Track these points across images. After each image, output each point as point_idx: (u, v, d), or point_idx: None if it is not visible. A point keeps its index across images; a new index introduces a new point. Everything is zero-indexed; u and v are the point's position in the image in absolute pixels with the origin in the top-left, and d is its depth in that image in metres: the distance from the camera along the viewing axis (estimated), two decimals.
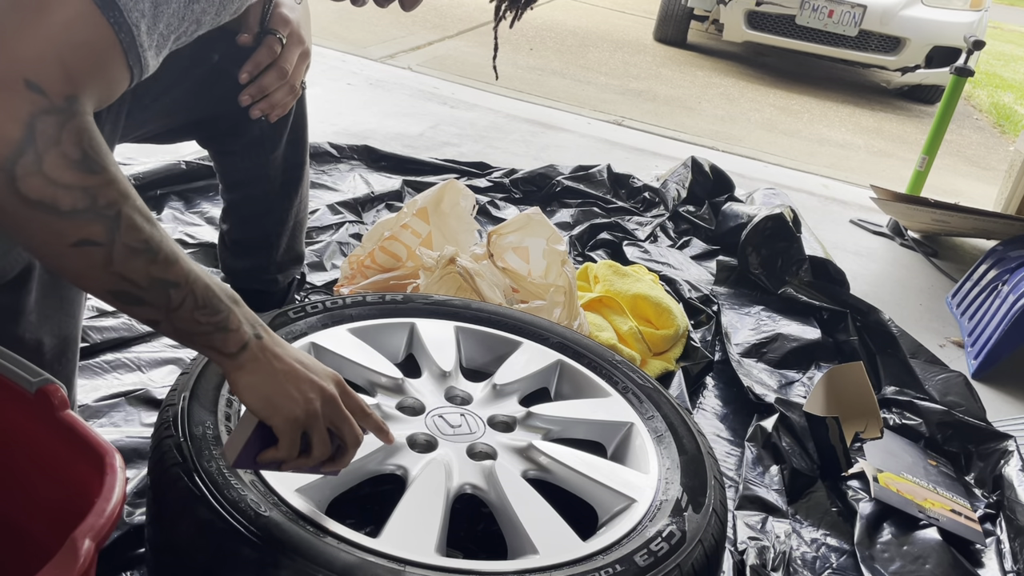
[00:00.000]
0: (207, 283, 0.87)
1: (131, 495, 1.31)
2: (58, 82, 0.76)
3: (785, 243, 2.47)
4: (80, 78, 0.78)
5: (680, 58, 6.71)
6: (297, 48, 1.41)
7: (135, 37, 0.81)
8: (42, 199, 0.76)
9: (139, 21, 0.80)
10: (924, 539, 1.57)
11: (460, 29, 6.05)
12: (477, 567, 0.98)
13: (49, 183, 0.76)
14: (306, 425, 0.94)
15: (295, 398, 0.92)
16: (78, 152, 0.77)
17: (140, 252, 0.81)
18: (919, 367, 2.15)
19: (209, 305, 0.87)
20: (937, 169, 3.92)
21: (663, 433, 1.27)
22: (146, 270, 0.82)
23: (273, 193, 1.65)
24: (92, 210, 0.78)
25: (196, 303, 0.86)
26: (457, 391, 1.31)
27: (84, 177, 0.77)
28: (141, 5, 0.81)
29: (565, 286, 1.75)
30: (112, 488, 0.74)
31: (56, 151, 0.76)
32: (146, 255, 0.82)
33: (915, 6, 6.15)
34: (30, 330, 1.13)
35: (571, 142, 3.75)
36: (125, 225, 0.80)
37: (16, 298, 1.11)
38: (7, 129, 0.73)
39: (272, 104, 1.43)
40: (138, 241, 0.81)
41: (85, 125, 0.78)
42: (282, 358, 0.93)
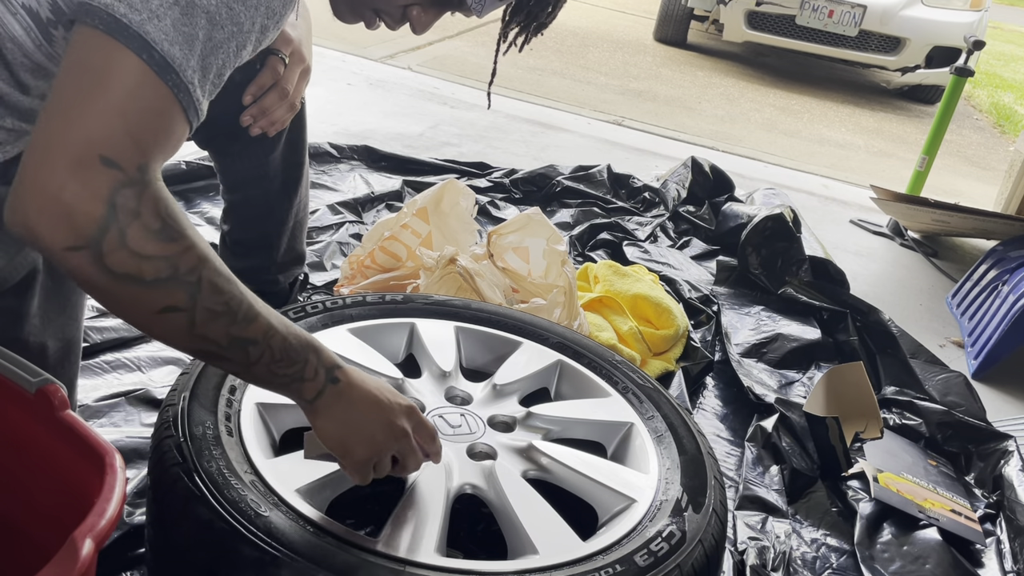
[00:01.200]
0: (285, 336, 0.90)
1: (131, 495, 1.31)
2: (130, 153, 0.77)
3: (785, 243, 2.47)
4: (149, 145, 0.80)
5: (680, 58, 6.71)
6: (298, 66, 1.41)
7: (191, 93, 0.82)
8: (128, 272, 0.78)
9: (193, 78, 0.82)
10: (924, 539, 1.57)
11: (460, 29, 6.05)
12: (477, 567, 0.98)
13: (133, 256, 0.77)
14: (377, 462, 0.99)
15: (366, 442, 0.97)
16: (158, 222, 0.78)
17: (221, 315, 0.84)
18: (919, 367, 2.15)
19: (286, 358, 0.90)
20: (937, 169, 3.92)
21: (663, 433, 1.27)
22: (226, 331, 0.85)
23: (273, 194, 1.65)
24: (174, 278, 0.80)
25: (273, 357, 0.89)
26: (457, 391, 1.31)
27: (165, 246, 0.79)
28: (193, 62, 0.82)
29: (565, 286, 1.75)
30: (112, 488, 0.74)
31: (138, 224, 0.77)
32: (226, 317, 0.84)
33: (915, 6, 6.15)
34: (34, 334, 1.14)
35: (571, 142, 3.75)
36: (206, 289, 0.82)
37: (20, 302, 1.12)
38: (91, 207, 0.75)
39: (272, 122, 1.45)
40: (218, 304, 0.83)
41: (160, 193, 0.80)
42: (357, 402, 0.96)
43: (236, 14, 0.84)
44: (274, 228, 1.71)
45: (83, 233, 0.75)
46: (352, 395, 0.96)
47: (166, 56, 0.79)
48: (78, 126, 0.76)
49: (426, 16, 1.09)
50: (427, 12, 1.09)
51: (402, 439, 0.99)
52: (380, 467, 1.00)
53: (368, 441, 0.97)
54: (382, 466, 1.00)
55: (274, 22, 0.91)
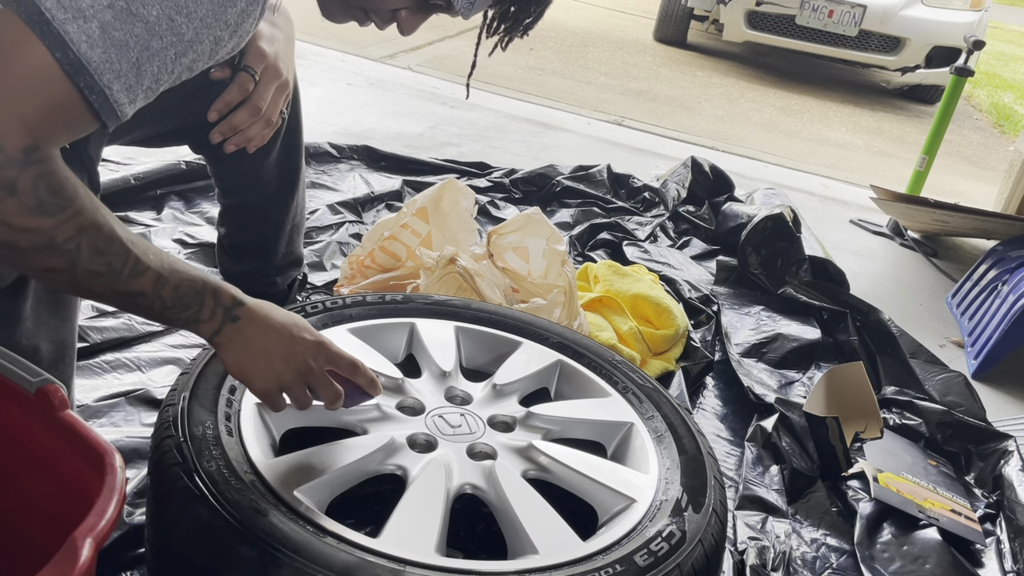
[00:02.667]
0: (176, 285, 0.94)
1: (131, 495, 1.31)
2: (17, 136, 0.80)
3: (785, 243, 2.47)
4: (41, 132, 0.82)
5: (680, 58, 6.71)
6: (273, 83, 1.37)
7: (108, 96, 0.84)
8: (4, 240, 0.82)
9: (112, 83, 0.84)
10: (924, 539, 1.57)
11: (460, 29, 6.05)
12: (477, 567, 0.98)
13: (9, 228, 0.81)
14: (281, 389, 1.04)
15: (264, 373, 1.02)
16: (34, 199, 0.82)
17: (103, 274, 0.88)
18: (919, 367, 2.14)
19: (179, 304, 0.95)
20: (937, 169, 3.92)
21: (663, 433, 1.27)
22: (111, 287, 0.90)
23: (268, 198, 1.65)
24: (51, 247, 0.84)
25: (164, 305, 0.94)
26: (457, 391, 1.31)
27: (42, 220, 0.83)
28: (117, 66, 0.83)
29: (565, 286, 1.75)
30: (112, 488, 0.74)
31: (13, 200, 0.80)
32: (109, 276, 0.89)
33: (915, 6, 6.15)
34: (27, 336, 1.14)
35: (571, 142, 3.75)
36: (85, 254, 0.86)
37: (12, 304, 1.12)
38: None
39: (247, 138, 1.42)
40: (100, 265, 0.87)
41: (43, 170, 0.82)
42: (256, 336, 1.01)
43: (177, 25, 0.86)
44: (271, 232, 1.71)
45: None
46: (251, 331, 1.01)
47: (81, 58, 0.81)
48: None
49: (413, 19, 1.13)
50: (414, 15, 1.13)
51: (306, 373, 1.04)
52: (294, 397, 1.05)
53: (266, 371, 1.02)
54: (295, 396, 1.05)
55: (229, 33, 0.92)
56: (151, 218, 2.23)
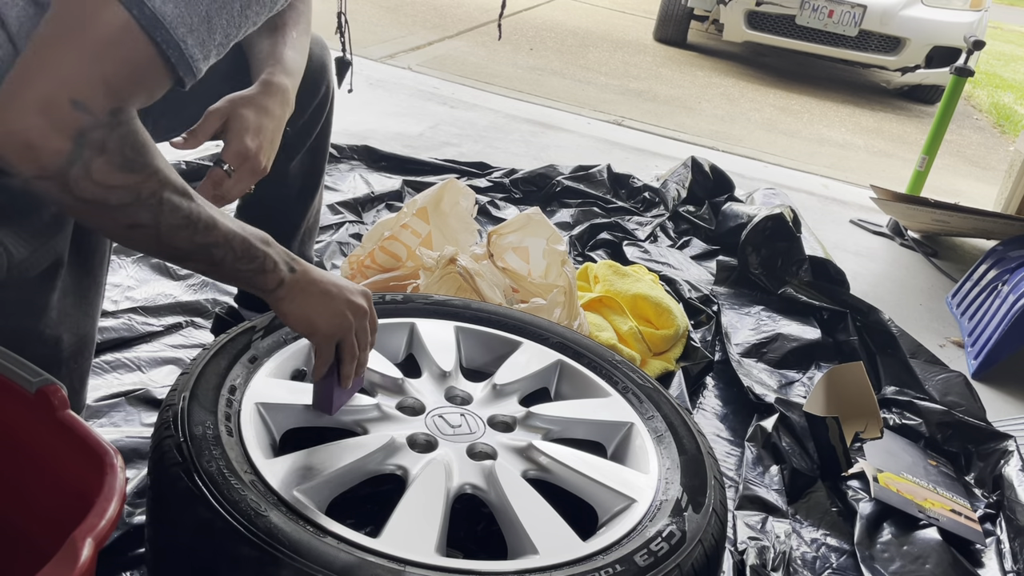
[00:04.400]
0: (244, 236, 1.00)
1: (131, 495, 1.31)
2: (102, 99, 0.83)
3: (785, 243, 2.47)
4: (123, 93, 0.85)
5: (680, 58, 6.71)
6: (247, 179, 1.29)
7: (183, 51, 0.87)
8: (94, 198, 0.86)
9: (186, 36, 0.87)
10: (924, 539, 1.57)
11: (460, 29, 6.05)
12: (477, 567, 0.98)
13: (98, 186, 0.85)
14: (340, 336, 1.10)
15: (330, 317, 1.08)
16: (120, 157, 0.86)
17: (182, 227, 0.93)
18: (919, 367, 2.14)
19: (247, 255, 1.00)
20: (937, 169, 3.92)
21: (663, 433, 1.27)
22: (190, 239, 0.94)
23: (289, 199, 1.65)
24: (137, 202, 0.89)
25: (236, 255, 0.99)
26: (457, 391, 1.31)
27: (127, 177, 0.87)
28: (189, 20, 0.86)
29: (565, 286, 1.75)
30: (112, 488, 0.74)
31: (103, 159, 0.84)
32: (188, 229, 0.93)
33: (915, 6, 6.15)
34: (51, 326, 1.16)
35: (571, 142, 3.75)
36: (167, 209, 0.91)
37: (41, 293, 1.14)
38: (58, 143, 0.82)
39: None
40: (179, 219, 0.92)
41: (127, 131, 0.86)
42: (316, 283, 1.07)
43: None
44: (287, 232, 1.70)
45: (49, 166, 0.82)
46: (310, 279, 1.07)
47: (156, 12, 0.84)
48: (53, 66, 0.82)
49: None
50: None
51: (360, 316, 1.11)
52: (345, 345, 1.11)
53: (331, 316, 1.08)
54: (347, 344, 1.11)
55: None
56: None
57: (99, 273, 1.24)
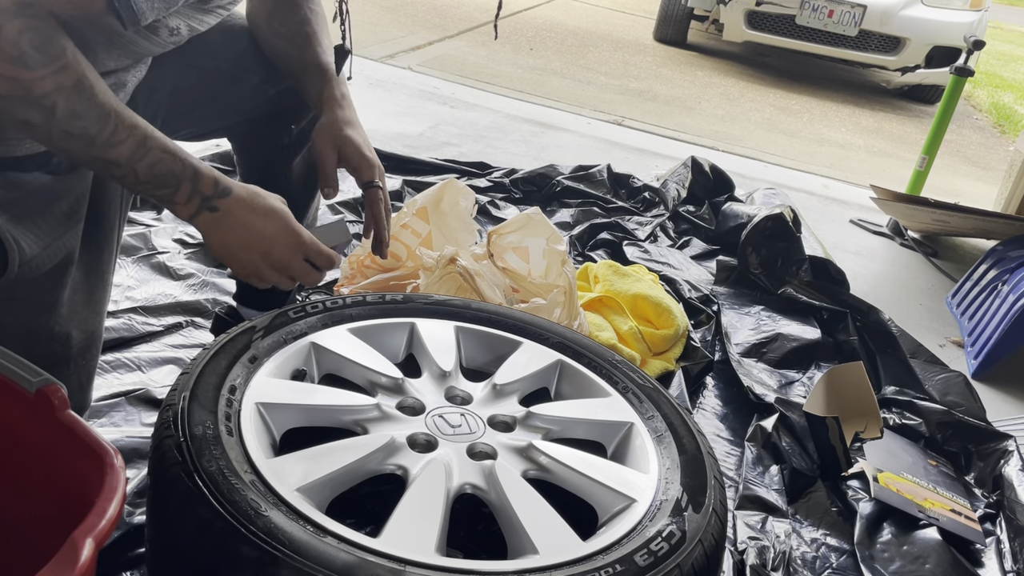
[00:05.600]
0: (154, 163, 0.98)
1: (131, 495, 1.31)
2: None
3: (785, 243, 2.47)
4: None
5: (680, 58, 6.71)
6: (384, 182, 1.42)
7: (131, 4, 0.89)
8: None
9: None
10: (924, 539, 1.57)
11: (460, 29, 6.05)
12: (477, 567, 0.98)
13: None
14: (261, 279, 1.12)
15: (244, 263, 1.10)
16: (15, 50, 0.86)
17: (77, 137, 0.93)
18: (919, 367, 2.15)
19: (153, 182, 1.00)
20: (937, 169, 3.92)
21: (663, 433, 1.27)
22: (86, 151, 0.94)
23: (293, 193, 1.65)
24: (26, 99, 0.89)
25: (138, 179, 0.99)
26: (457, 391, 1.31)
27: (18, 71, 0.87)
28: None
29: (565, 286, 1.75)
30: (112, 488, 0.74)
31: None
32: (83, 140, 0.93)
33: (915, 6, 6.15)
34: (61, 323, 1.17)
35: (571, 142, 3.75)
36: (61, 113, 0.90)
37: (52, 290, 1.15)
38: None
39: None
40: (74, 128, 0.92)
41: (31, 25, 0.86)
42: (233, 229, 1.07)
43: None
44: None
45: None
46: (230, 222, 1.06)
47: None
48: None
49: None
50: None
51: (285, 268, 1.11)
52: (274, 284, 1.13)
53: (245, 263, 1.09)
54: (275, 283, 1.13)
55: None
56: (151, 218, 2.23)
57: (107, 271, 1.25)
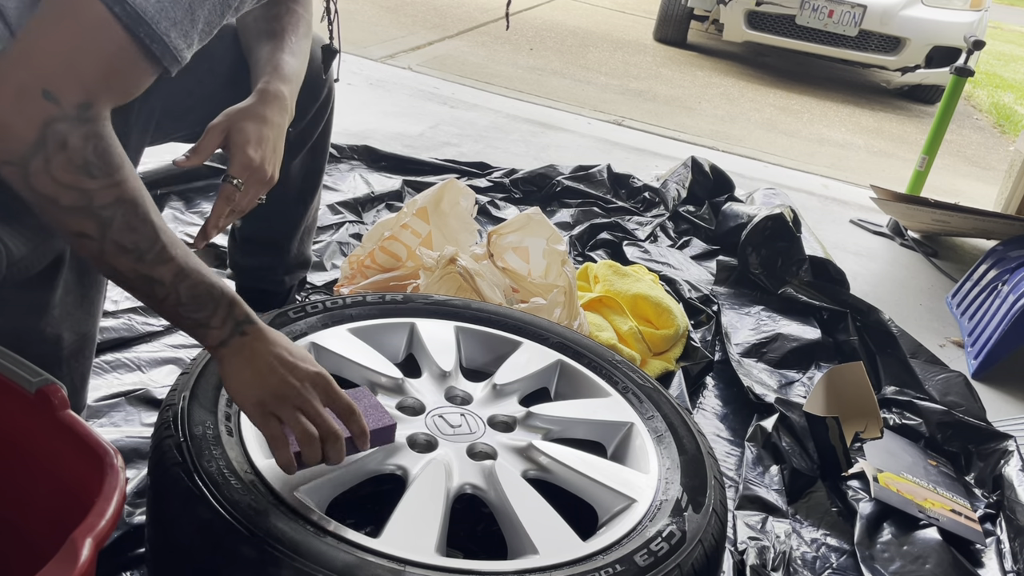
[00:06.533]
0: (196, 284, 0.96)
1: (131, 495, 1.31)
2: (73, 92, 0.85)
3: (785, 243, 2.47)
4: (97, 88, 0.87)
5: (680, 58, 6.71)
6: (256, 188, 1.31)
7: (167, 44, 0.89)
8: (46, 194, 0.86)
9: (170, 30, 0.88)
10: (924, 539, 1.57)
11: (460, 29, 6.05)
12: (477, 567, 0.98)
13: (54, 182, 0.86)
14: (272, 408, 0.99)
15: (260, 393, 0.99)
16: (82, 158, 0.86)
17: (128, 251, 0.91)
18: (919, 367, 2.14)
19: (193, 304, 0.96)
20: (937, 169, 3.92)
21: (663, 433, 1.27)
22: (132, 267, 0.92)
23: (289, 198, 1.65)
24: (88, 209, 0.88)
25: (179, 300, 0.96)
26: (457, 391, 1.31)
27: (84, 180, 0.86)
28: (172, 14, 0.88)
29: (565, 286, 1.75)
30: (112, 488, 0.74)
31: (63, 156, 0.85)
32: (133, 254, 0.91)
33: (915, 6, 6.15)
34: (52, 325, 1.16)
35: (571, 142, 3.75)
36: (118, 226, 0.89)
37: (42, 292, 1.14)
38: (24, 131, 0.84)
39: (219, 231, 1.36)
40: (128, 242, 0.90)
41: (93, 131, 0.87)
42: (261, 355, 0.99)
43: None
44: (286, 231, 1.71)
45: (14, 152, 0.84)
46: (256, 348, 1.00)
47: (137, 8, 0.85)
48: (31, 57, 0.84)
49: None
50: None
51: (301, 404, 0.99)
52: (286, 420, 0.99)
53: (260, 393, 0.99)
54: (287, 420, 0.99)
55: None
56: None
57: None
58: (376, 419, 1.08)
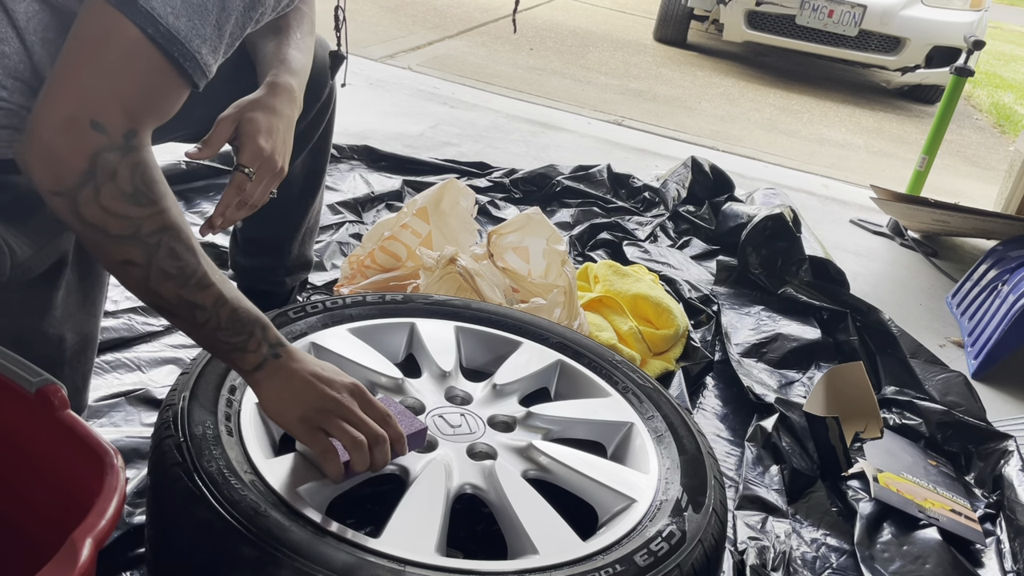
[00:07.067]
0: (234, 308, 0.98)
1: (131, 495, 1.31)
2: (119, 120, 0.86)
3: (785, 243, 2.47)
4: (140, 113, 0.88)
5: (680, 58, 6.71)
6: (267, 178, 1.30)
7: (199, 61, 0.90)
8: (96, 224, 0.88)
9: (201, 47, 0.89)
10: (924, 539, 1.57)
11: (460, 29, 6.05)
12: (477, 567, 0.98)
13: (104, 211, 0.87)
14: (316, 423, 1.01)
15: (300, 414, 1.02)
16: (131, 187, 0.87)
17: (174, 277, 0.92)
18: (919, 367, 2.14)
19: (232, 328, 0.98)
20: (937, 169, 3.92)
21: (663, 433, 1.27)
22: (177, 292, 0.94)
23: (291, 198, 1.65)
24: (136, 237, 0.89)
25: (219, 325, 0.97)
26: (457, 391, 1.31)
27: (133, 209, 0.88)
28: (202, 31, 0.89)
29: (565, 286, 1.75)
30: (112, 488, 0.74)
31: (113, 185, 0.86)
32: (178, 279, 0.93)
33: (915, 6, 6.15)
34: (54, 325, 1.16)
35: (571, 142, 3.75)
36: (163, 253, 0.91)
37: (45, 293, 1.14)
38: (74, 163, 0.85)
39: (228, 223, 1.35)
40: (173, 267, 0.92)
41: (140, 159, 0.88)
42: (297, 374, 1.02)
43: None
44: (287, 232, 1.71)
45: (64, 183, 0.85)
46: (291, 369, 1.02)
47: (171, 29, 0.86)
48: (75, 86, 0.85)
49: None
50: None
51: (339, 408, 1.02)
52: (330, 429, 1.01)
53: (302, 413, 1.01)
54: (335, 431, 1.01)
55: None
56: None
57: (102, 271, 1.24)
58: (408, 424, 1.11)
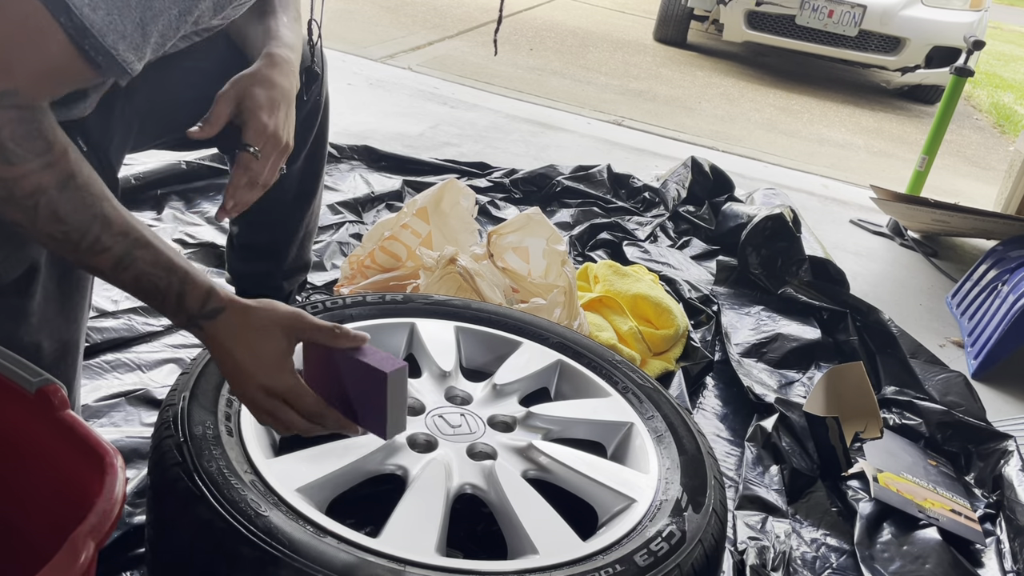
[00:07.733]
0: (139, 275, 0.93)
1: (131, 495, 1.31)
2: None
3: (785, 243, 2.47)
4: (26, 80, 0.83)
5: (680, 58, 6.71)
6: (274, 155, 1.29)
7: (115, 56, 0.85)
8: None
9: (117, 43, 0.85)
10: (924, 539, 1.57)
11: (460, 29, 6.05)
12: (477, 567, 0.98)
13: None
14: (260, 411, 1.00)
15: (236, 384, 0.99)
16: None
17: (60, 241, 0.88)
18: (919, 367, 2.14)
19: (139, 293, 0.95)
20: (937, 169, 3.92)
21: (663, 433, 1.27)
22: (70, 255, 0.91)
23: (287, 203, 1.64)
24: (11, 200, 0.85)
25: (124, 287, 0.94)
26: (457, 391, 1.31)
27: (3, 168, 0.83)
28: (120, 27, 0.84)
29: (565, 286, 1.75)
30: (112, 488, 0.74)
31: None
32: (67, 244, 0.89)
33: (915, 6, 6.15)
34: (30, 333, 1.14)
35: (571, 142, 3.75)
36: (43, 216, 0.86)
37: (20, 300, 1.12)
38: None
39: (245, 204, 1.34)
40: (57, 232, 0.88)
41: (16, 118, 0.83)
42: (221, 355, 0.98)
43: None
44: (284, 237, 1.70)
45: None
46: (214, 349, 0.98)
47: (84, 21, 0.82)
48: None
49: None
50: None
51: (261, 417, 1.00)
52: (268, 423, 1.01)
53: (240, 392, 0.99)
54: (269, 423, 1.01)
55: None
56: (151, 218, 2.24)
57: (83, 276, 1.20)
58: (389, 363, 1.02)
